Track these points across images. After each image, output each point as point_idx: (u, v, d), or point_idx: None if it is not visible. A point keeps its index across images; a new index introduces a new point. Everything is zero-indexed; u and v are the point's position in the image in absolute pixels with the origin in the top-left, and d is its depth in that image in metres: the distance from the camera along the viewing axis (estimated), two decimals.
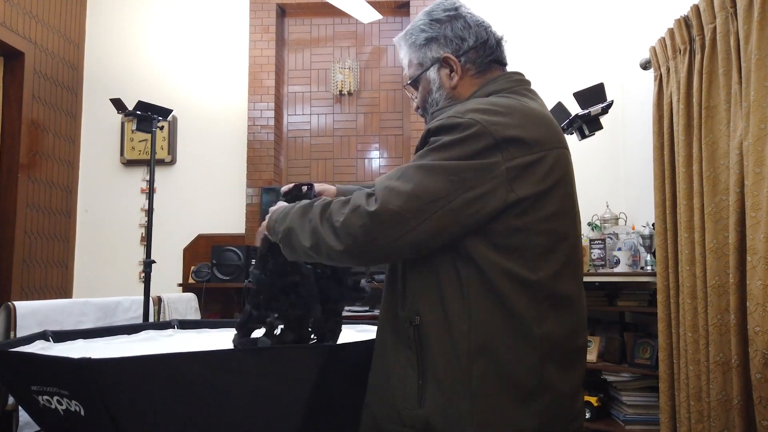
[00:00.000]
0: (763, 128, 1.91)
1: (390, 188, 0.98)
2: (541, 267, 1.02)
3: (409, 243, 0.98)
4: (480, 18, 1.24)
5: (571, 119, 2.95)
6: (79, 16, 4.21)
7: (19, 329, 2.24)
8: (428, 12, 1.23)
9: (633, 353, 2.99)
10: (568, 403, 1.05)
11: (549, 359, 1.02)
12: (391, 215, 0.96)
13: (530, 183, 1.01)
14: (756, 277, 1.89)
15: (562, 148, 1.08)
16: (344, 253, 0.99)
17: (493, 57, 1.22)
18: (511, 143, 1.00)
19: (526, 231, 1.01)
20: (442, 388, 1.01)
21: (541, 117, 1.08)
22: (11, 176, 3.63)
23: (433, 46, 1.20)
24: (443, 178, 0.98)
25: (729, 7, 2.18)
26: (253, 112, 4.06)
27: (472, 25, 1.21)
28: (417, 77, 1.23)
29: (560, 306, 1.05)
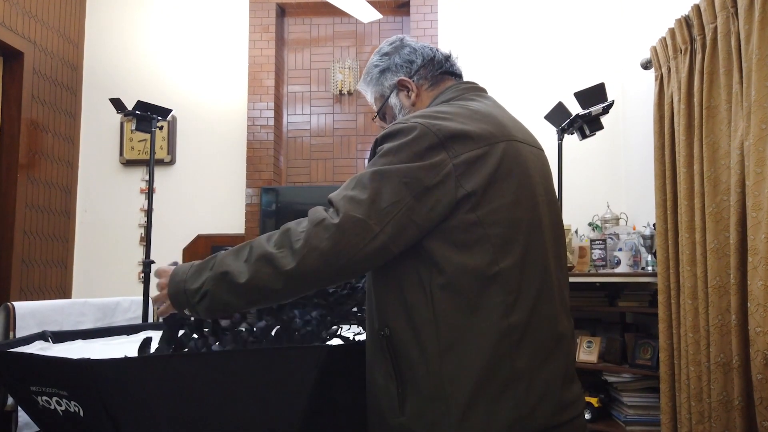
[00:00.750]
0: (764, 128, 1.90)
1: (348, 198, 1.00)
2: (502, 258, 1.04)
3: (373, 250, 0.98)
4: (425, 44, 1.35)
5: (572, 119, 2.95)
6: (79, 15, 4.21)
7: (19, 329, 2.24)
8: (377, 51, 1.35)
9: (634, 354, 2.98)
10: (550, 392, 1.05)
11: (520, 349, 1.02)
12: (355, 223, 0.97)
13: (478, 176, 1.04)
14: (757, 277, 1.88)
15: (511, 140, 1.11)
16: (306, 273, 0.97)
17: (443, 70, 1.31)
18: (455, 140, 1.05)
19: (481, 224, 1.03)
20: (419, 394, 1.03)
21: (485, 114, 1.13)
22: (10, 176, 3.62)
23: (388, 75, 1.31)
24: (397, 181, 1.00)
25: (730, 6, 2.18)
26: (253, 112, 4.06)
27: (417, 48, 1.32)
28: (382, 108, 1.34)
29: (529, 294, 1.05)
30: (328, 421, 1.26)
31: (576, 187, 3.63)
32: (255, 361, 1.16)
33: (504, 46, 3.99)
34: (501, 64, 3.96)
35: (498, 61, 3.97)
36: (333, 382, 1.20)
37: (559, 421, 1.05)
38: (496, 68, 3.96)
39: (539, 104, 3.56)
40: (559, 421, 1.05)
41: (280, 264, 0.98)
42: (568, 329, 1.15)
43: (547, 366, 1.06)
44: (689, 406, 2.45)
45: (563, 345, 1.11)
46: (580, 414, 1.12)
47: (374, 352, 1.12)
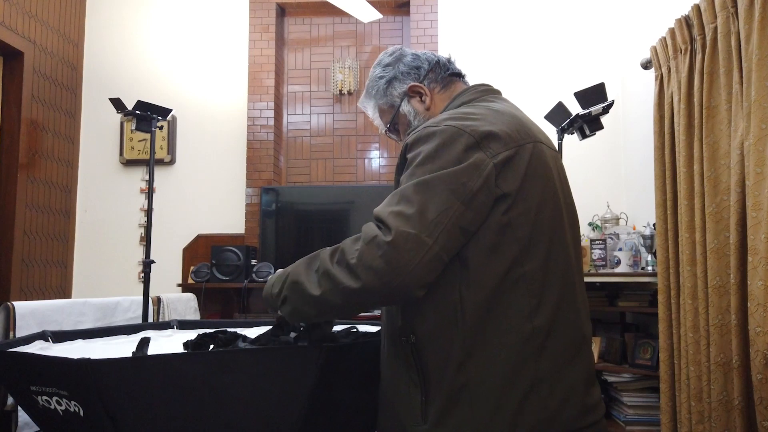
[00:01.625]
0: (764, 128, 1.90)
1: (396, 213, 0.98)
2: (527, 260, 1.03)
3: (427, 263, 0.96)
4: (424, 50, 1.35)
5: (572, 119, 2.95)
6: (79, 15, 4.21)
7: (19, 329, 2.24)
8: (377, 63, 1.34)
9: (634, 354, 2.98)
10: (573, 395, 1.04)
11: (544, 352, 1.02)
12: (408, 239, 0.95)
13: (512, 177, 1.03)
14: (757, 277, 1.88)
15: (536, 141, 1.11)
16: (362, 291, 0.96)
17: (450, 71, 1.31)
18: (489, 139, 1.04)
19: (511, 225, 1.02)
20: (442, 400, 1.01)
21: (509, 115, 1.13)
22: (10, 176, 3.62)
23: (395, 84, 1.30)
24: (442, 189, 0.99)
25: (730, 6, 2.18)
26: (253, 112, 4.06)
27: (420, 54, 1.32)
28: (393, 118, 1.32)
29: (552, 296, 1.05)
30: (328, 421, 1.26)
31: (576, 187, 3.59)
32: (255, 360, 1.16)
33: (504, 46, 3.99)
34: (501, 64, 3.96)
35: (498, 61, 3.97)
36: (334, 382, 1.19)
37: (582, 424, 1.05)
38: (497, 68, 3.95)
39: (539, 104, 3.56)
40: (582, 424, 1.05)
41: (338, 281, 0.98)
42: (589, 332, 1.14)
43: (571, 369, 1.05)
44: (689, 406, 2.45)
45: (585, 348, 1.10)
46: (601, 418, 1.12)
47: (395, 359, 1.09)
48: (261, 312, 3.78)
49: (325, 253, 1.03)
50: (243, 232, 3.98)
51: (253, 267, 3.71)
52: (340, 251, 1.00)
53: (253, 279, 3.65)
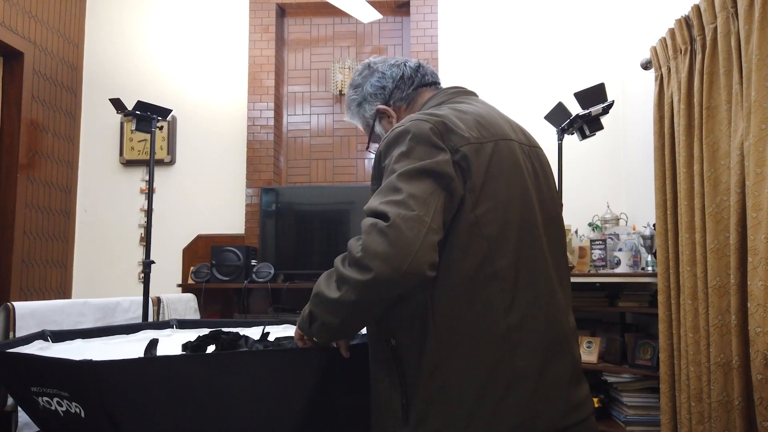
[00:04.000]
0: (764, 128, 1.90)
1: (388, 202, 0.98)
2: (496, 258, 1.03)
3: (430, 241, 0.96)
4: (392, 61, 1.35)
5: (572, 119, 2.95)
6: (79, 16, 4.21)
7: (19, 329, 2.24)
8: (351, 83, 1.37)
9: (634, 354, 2.98)
10: (556, 393, 1.04)
11: (521, 350, 1.02)
12: (407, 219, 0.95)
13: (475, 174, 1.04)
14: (757, 277, 1.88)
15: (501, 139, 1.11)
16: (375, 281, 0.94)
17: (415, 85, 1.31)
18: (450, 132, 1.05)
19: (478, 223, 1.03)
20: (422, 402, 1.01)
21: (474, 114, 1.13)
22: (10, 176, 3.62)
23: (366, 106, 1.33)
24: (424, 175, 1.00)
25: (730, 7, 2.18)
26: (253, 112, 4.06)
27: (385, 71, 1.32)
28: (370, 137, 1.36)
29: (526, 293, 1.05)
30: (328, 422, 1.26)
31: (576, 187, 3.63)
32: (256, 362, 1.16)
33: (504, 46, 3.99)
34: (501, 64, 3.96)
35: (498, 61, 3.97)
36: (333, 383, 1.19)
37: (567, 423, 1.04)
38: (496, 68, 3.95)
39: (539, 104, 3.56)
40: (567, 423, 1.04)
41: (350, 279, 0.96)
42: (572, 328, 1.13)
43: (553, 366, 1.04)
44: (689, 407, 2.45)
45: (568, 344, 1.09)
46: (589, 416, 1.11)
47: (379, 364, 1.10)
48: (261, 312, 3.78)
49: (338, 260, 1.03)
50: (243, 233, 3.98)
51: (253, 267, 3.71)
52: (347, 252, 1.00)
53: (253, 279, 3.65)
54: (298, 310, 3.64)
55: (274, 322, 1.96)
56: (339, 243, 3.84)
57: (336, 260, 1.03)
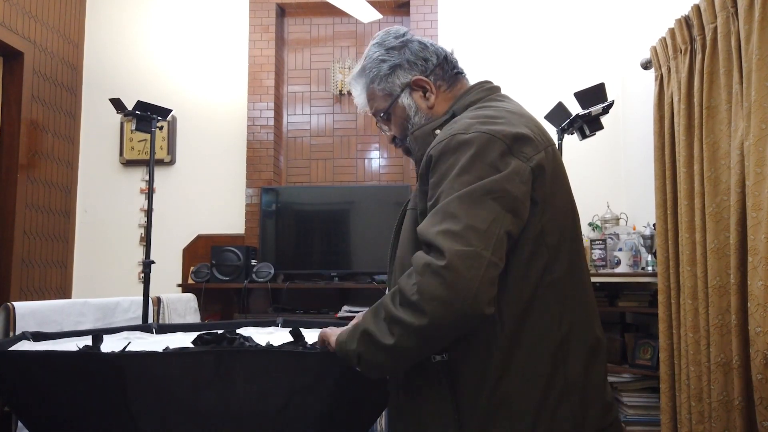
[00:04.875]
0: (764, 128, 1.90)
1: (444, 233, 0.91)
2: (554, 266, 1.01)
3: (490, 277, 0.90)
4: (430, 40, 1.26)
5: (572, 119, 2.95)
6: (79, 15, 4.21)
7: (19, 329, 2.24)
8: (379, 43, 1.22)
9: (634, 354, 2.98)
10: (598, 396, 1.05)
11: (570, 357, 1.01)
12: (464, 257, 0.89)
13: (543, 182, 1.00)
14: (757, 277, 1.88)
15: (553, 144, 1.10)
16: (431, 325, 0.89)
17: (457, 70, 1.23)
18: (521, 143, 1.00)
19: (544, 233, 1.00)
20: (479, 415, 0.98)
21: (526, 116, 1.10)
22: (10, 176, 3.62)
23: (399, 72, 1.19)
24: (486, 198, 0.93)
25: (730, 6, 2.18)
26: (253, 112, 4.06)
27: (428, 45, 1.22)
28: (389, 108, 1.21)
29: (575, 301, 1.04)
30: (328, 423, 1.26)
31: (576, 187, 3.57)
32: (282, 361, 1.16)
33: (504, 46, 3.99)
34: (501, 64, 3.96)
35: (498, 61, 3.96)
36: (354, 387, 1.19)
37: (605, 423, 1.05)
38: (496, 68, 3.95)
39: (539, 104, 3.56)
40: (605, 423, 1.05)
41: (406, 323, 0.91)
42: (602, 332, 1.12)
43: (594, 371, 1.04)
44: (689, 406, 2.45)
45: (601, 348, 1.09)
46: (617, 415, 1.12)
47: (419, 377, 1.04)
48: (260, 312, 3.78)
49: (387, 298, 0.97)
50: (243, 233, 3.98)
51: (253, 267, 3.71)
52: (399, 292, 0.94)
53: (253, 279, 3.65)
54: (298, 310, 3.64)
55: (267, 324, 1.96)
56: (339, 243, 3.84)
57: (385, 298, 0.98)
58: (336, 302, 3.76)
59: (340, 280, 3.70)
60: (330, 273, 3.73)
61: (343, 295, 3.80)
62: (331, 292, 3.80)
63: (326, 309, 3.67)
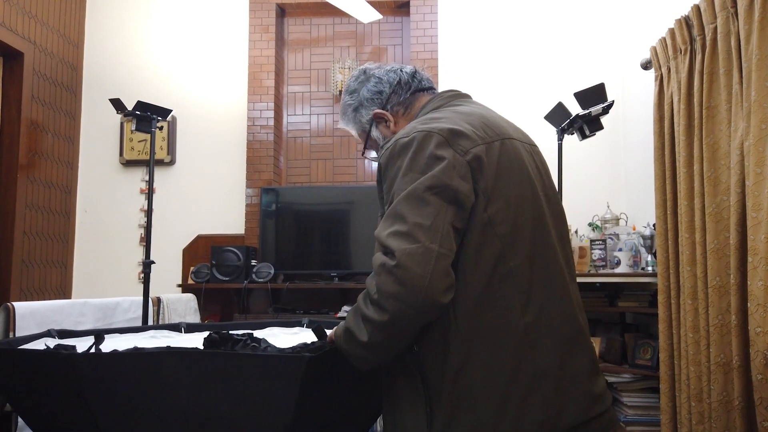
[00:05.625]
0: (764, 128, 1.90)
1: (393, 234, 0.98)
2: (511, 257, 1.03)
3: (441, 268, 0.96)
4: (388, 67, 1.35)
5: (572, 119, 2.95)
6: (79, 16, 4.21)
7: (19, 330, 2.24)
8: (346, 89, 1.37)
9: (634, 354, 2.98)
10: (577, 387, 1.05)
11: (540, 347, 1.02)
12: (412, 254, 0.95)
13: (485, 173, 1.04)
14: (757, 277, 1.88)
15: (505, 138, 1.12)
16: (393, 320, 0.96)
17: (412, 90, 1.31)
18: (456, 136, 1.05)
19: (491, 223, 1.03)
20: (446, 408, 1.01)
21: (476, 115, 1.14)
22: (10, 176, 3.62)
23: (362, 111, 1.33)
24: (428, 194, 1.00)
25: (730, 7, 2.18)
26: (253, 112, 4.06)
27: (382, 77, 1.32)
28: (366, 143, 1.35)
29: (541, 291, 1.05)
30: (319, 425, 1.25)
31: (576, 187, 3.62)
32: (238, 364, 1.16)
33: (504, 46, 3.99)
34: (501, 64, 3.96)
35: (498, 61, 3.97)
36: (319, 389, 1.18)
37: (590, 415, 1.05)
38: (497, 68, 3.95)
39: (539, 104, 3.56)
40: (590, 415, 1.05)
41: (373, 320, 0.99)
42: (585, 323, 1.14)
43: (571, 361, 1.05)
44: (689, 407, 2.45)
45: (583, 339, 1.10)
46: (608, 408, 1.12)
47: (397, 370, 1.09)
48: (261, 312, 3.78)
49: (360, 297, 1.04)
50: (243, 233, 3.98)
51: (253, 267, 3.71)
52: (366, 290, 1.02)
53: (253, 279, 3.65)
54: (298, 310, 3.64)
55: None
56: (339, 243, 3.84)
57: (359, 297, 1.05)
58: (336, 302, 3.76)
59: (340, 280, 3.70)
60: (330, 273, 3.73)
61: (343, 295, 3.80)
62: (331, 292, 3.80)
63: (326, 309, 3.67)
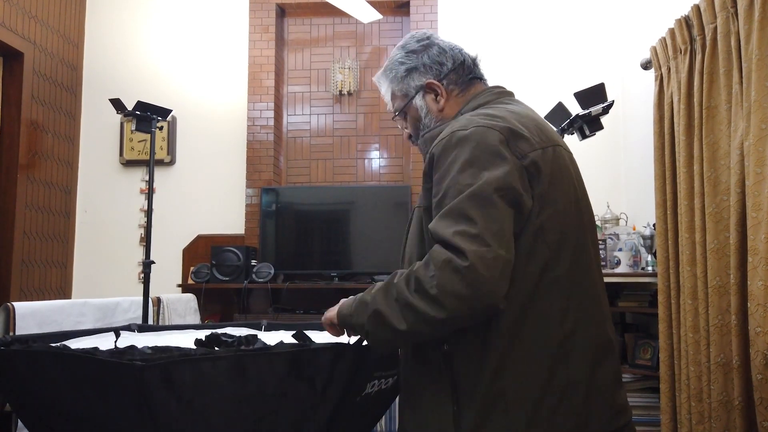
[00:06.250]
0: (764, 128, 1.90)
1: (462, 234, 0.95)
2: (556, 264, 1.03)
3: (507, 275, 0.96)
4: (453, 43, 1.29)
5: (572, 119, 2.95)
6: (79, 16, 4.21)
7: (19, 330, 2.24)
8: (402, 46, 1.29)
9: (634, 354, 2.98)
10: (604, 397, 1.04)
11: (574, 356, 1.02)
12: (485, 258, 0.93)
13: (540, 179, 1.03)
14: (757, 277, 1.88)
15: (556, 145, 1.11)
16: (450, 319, 0.95)
17: (472, 75, 1.27)
18: (516, 137, 1.04)
19: (542, 229, 1.02)
20: (477, 411, 1.00)
21: (528, 117, 1.12)
22: (10, 176, 3.62)
23: (414, 75, 1.26)
24: (495, 196, 0.97)
25: (730, 6, 2.18)
26: (253, 112, 4.06)
27: (447, 49, 1.27)
28: (404, 107, 1.28)
29: (579, 299, 1.05)
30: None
31: None
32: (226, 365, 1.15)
33: (504, 47, 3.99)
34: (501, 64, 3.96)
35: (498, 61, 3.96)
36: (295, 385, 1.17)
37: (614, 427, 1.05)
38: (496, 68, 3.95)
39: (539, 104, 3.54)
40: (614, 427, 1.05)
41: (423, 313, 0.96)
42: (614, 334, 1.14)
43: (601, 371, 1.05)
44: (689, 407, 2.45)
45: (611, 350, 1.10)
46: (630, 420, 1.12)
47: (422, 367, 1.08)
48: (261, 312, 3.78)
49: (401, 280, 1.01)
50: (243, 233, 3.98)
51: (253, 267, 3.71)
52: (416, 279, 0.98)
53: (253, 279, 3.65)
54: (298, 310, 3.64)
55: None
56: (339, 243, 3.84)
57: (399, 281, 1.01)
58: (336, 302, 3.75)
59: (340, 280, 3.70)
60: (330, 273, 3.73)
61: (343, 295, 3.74)
62: (331, 293, 3.79)
63: (326, 309, 3.65)
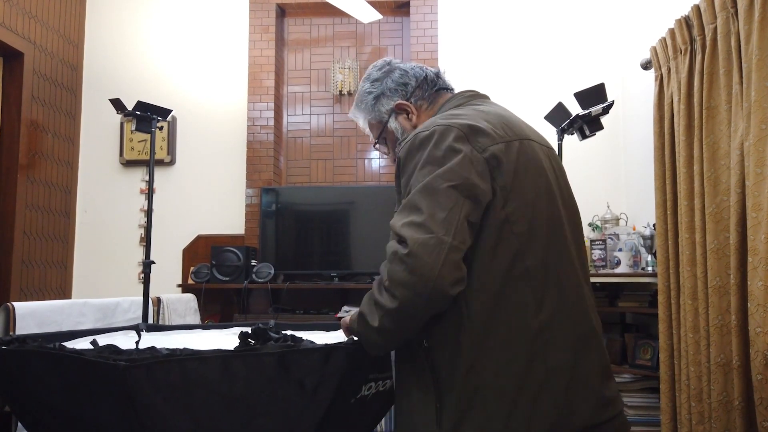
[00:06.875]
0: (764, 128, 1.90)
1: (408, 224, 0.99)
2: (527, 256, 1.04)
3: (451, 260, 0.97)
4: (413, 63, 1.36)
5: (572, 119, 2.95)
6: (79, 16, 4.21)
7: (19, 330, 2.24)
8: (367, 77, 1.35)
9: (634, 354, 2.98)
10: (589, 388, 1.04)
11: (552, 346, 1.02)
12: (425, 244, 0.96)
13: (505, 171, 1.05)
14: (757, 277, 1.88)
15: (524, 138, 1.12)
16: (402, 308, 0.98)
17: (437, 87, 1.32)
18: (476, 133, 1.06)
19: (509, 221, 1.03)
20: (457, 405, 1.01)
21: (494, 114, 1.15)
22: (10, 177, 3.62)
23: (383, 100, 1.32)
24: (444, 187, 1.00)
25: (730, 7, 2.18)
26: (253, 113, 4.06)
27: (408, 69, 1.33)
28: (381, 133, 1.34)
29: (555, 290, 1.05)
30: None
31: (576, 187, 3.58)
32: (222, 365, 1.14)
33: (504, 47, 3.99)
34: (501, 64, 3.96)
35: (498, 61, 3.97)
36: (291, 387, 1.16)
37: (601, 419, 1.05)
38: (497, 68, 3.95)
39: (539, 104, 3.56)
40: (601, 419, 1.05)
41: (383, 306, 1.00)
42: (598, 325, 1.14)
43: (583, 362, 1.05)
44: (689, 407, 2.45)
45: (595, 340, 1.10)
46: (620, 412, 1.11)
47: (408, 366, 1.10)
48: (261, 312, 3.78)
49: (375, 283, 1.05)
50: (243, 233, 3.98)
51: (253, 267, 3.71)
52: (380, 278, 1.03)
53: (253, 279, 3.65)
54: (298, 310, 3.64)
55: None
56: (339, 243, 3.84)
57: (374, 282, 1.06)
58: (336, 302, 3.76)
59: (340, 280, 3.70)
60: (330, 273, 3.73)
61: (343, 295, 3.80)
62: (331, 293, 3.80)
63: (326, 309, 3.67)
